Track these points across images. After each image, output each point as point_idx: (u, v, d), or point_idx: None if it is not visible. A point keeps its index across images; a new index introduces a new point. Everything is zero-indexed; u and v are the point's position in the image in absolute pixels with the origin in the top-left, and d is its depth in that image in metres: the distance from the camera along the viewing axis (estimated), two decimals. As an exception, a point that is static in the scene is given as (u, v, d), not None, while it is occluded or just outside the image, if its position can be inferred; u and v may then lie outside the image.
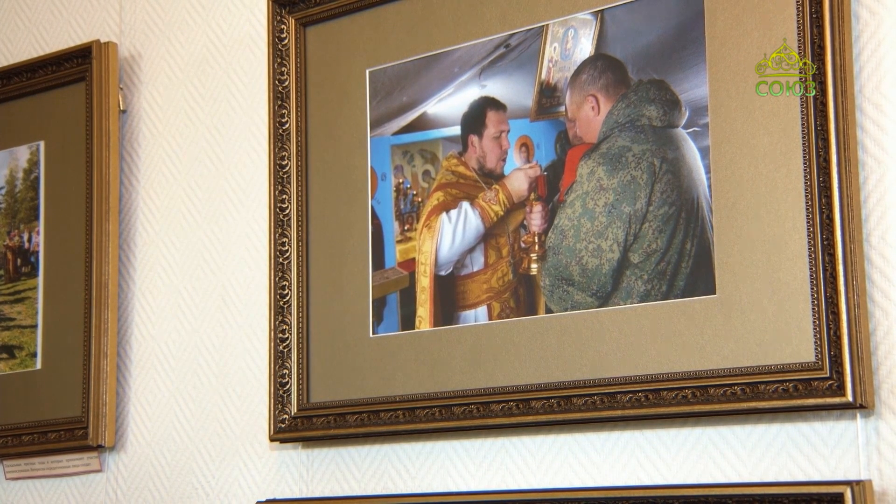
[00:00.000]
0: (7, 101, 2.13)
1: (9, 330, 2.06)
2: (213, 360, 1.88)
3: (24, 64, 2.10)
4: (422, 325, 1.65)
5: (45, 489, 2.02)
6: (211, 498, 1.85)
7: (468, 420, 1.57)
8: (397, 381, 1.65)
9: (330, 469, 1.74)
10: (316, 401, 1.72)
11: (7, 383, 2.05)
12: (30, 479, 2.03)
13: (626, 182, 1.51)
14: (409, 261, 1.68)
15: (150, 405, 1.94)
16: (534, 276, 1.57)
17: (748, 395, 1.37)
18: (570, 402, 1.49)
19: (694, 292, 1.44)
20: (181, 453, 1.89)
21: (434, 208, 1.68)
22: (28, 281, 2.05)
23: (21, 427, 2.00)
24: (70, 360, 1.96)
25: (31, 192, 2.07)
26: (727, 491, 1.38)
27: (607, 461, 1.51)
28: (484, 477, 1.60)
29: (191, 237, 1.94)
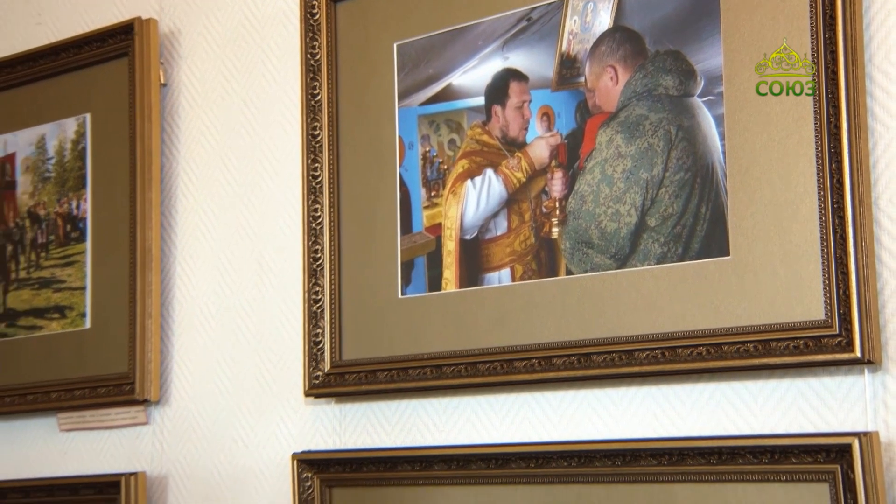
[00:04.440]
0: (55, 76, 2.13)
1: (60, 292, 2.06)
2: (250, 320, 1.88)
3: (70, 41, 2.09)
4: (448, 287, 1.64)
5: (95, 440, 2.03)
6: (250, 449, 1.85)
7: (492, 376, 1.57)
8: (425, 339, 1.65)
9: (361, 423, 1.73)
10: (348, 358, 1.71)
11: (59, 342, 2.05)
12: (82, 431, 2.04)
13: (643, 149, 1.49)
14: (436, 225, 1.67)
15: (191, 362, 1.94)
16: (555, 240, 1.56)
17: (760, 351, 1.37)
18: (589, 359, 1.49)
19: (708, 254, 1.43)
20: (221, 407, 1.89)
21: (459, 175, 1.66)
22: (77, 245, 2.05)
23: (73, 382, 2.01)
24: (117, 319, 1.97)
25: (78, 161, 2.07)
26: (740, 443, 1.37)
27: (625, 415, 1.50)
28: (507, 430, 1.60)
29: (228, 204, 1.93)
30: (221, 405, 1.89)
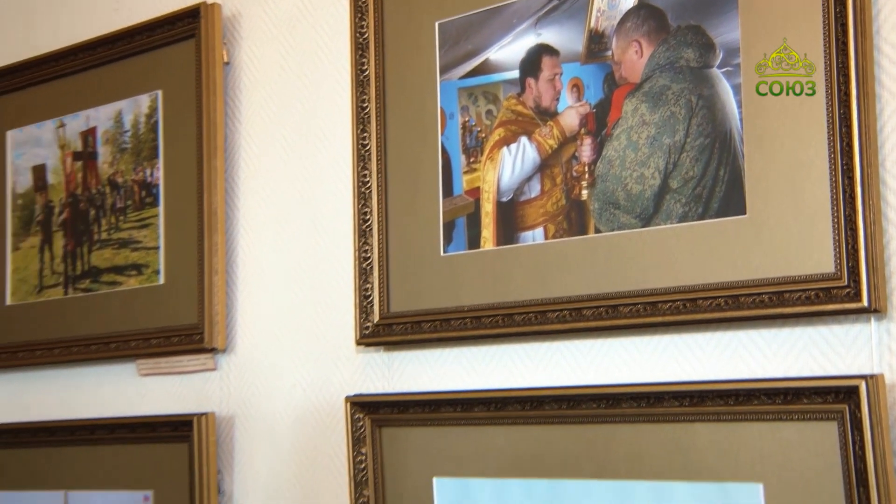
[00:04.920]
0: (130, 57, 2.13)
1: (137, 251, 2.08)
2: (306, 276, 1.88)
3: (143, 24, 2.09)
4: (486, 245, 1.64)
5: (170, 384, 2.05)
6: (307, 393, 1.86)
7: (527, 326, 1.57)
8: (465, 293, 1.64)
9: (408, 369, 1.74)
10: (395, 311, 1.71)
11: (136, 296, 2.07)
12: (158, 376, 2.06)
13: (666, 117, 1.48)
14: (475, 189, 1.66)
15: (254, 314, 1.95)
16: (584, 201, 1.55)
17: (774, 302, 1.36)
18: (616, 310, 1.48)
19: (727, 213, 1.42)
20: (281, 355, 1.90)
21: (496, 143, 1.65)
22: (151, 209, 2.06)
23: (149, 332, 2.03)
24: (187, 276, 1.98)
25: (151, 133, 2.08)
26: (755, 385, 1.36)
27: (649, 361, 1.50)
28: (541, 375, 1.60)
29: (285, 171, 1.93)
30: (281, 353, 1.90)
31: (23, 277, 2.27)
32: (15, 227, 2.30)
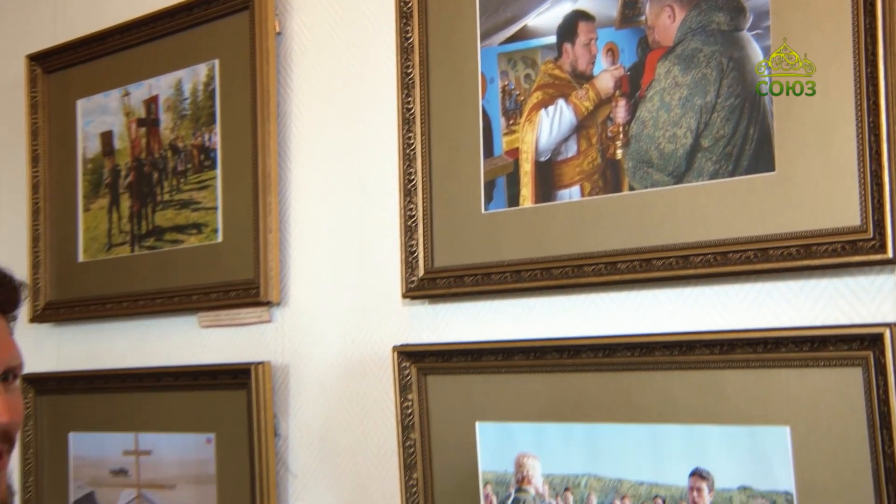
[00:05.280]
0: (189, 29, 2.12)
1: (196, 211, 2.08)
2: (354, 234, 1.88)
3: (201, -2, 2.09)
4: (525, 203, 1.62)
5: (229, 335, 2.06)
6: (357, 343, 1.86)
7: (564, 279, 1.55)
8: (505, 248, 1.63)
9: (451, 320, 1.73)
10: (439, 265, 1.71)
11: (197, 253, 2.08)
12: (218, 328, 2.07)
13: (697, 79, 1.45)
14: (514, 150, 1.65)
15: (306, 270, 1.95)
16: (619, 160, 1.53)
17: (802, 254, 1.34)
18: (649, 264, 1.47)
19: (756, 170, 1.39)
20: (332, 308, 1.90)
21: (534, 105, 1.63)
22: (209, 172, 2.06)
23: (209, 287, 2.04)
24: (243, 234, 1.98)
25: (209, 100, 2.07)
26: (783, 334, 1.36)
27: (681, 312, 1.48)
28: (578, 326, 1.59)
29: (335, 134, 1.92)
30: (332, 306, 1.90)
31: (93, 236, 2.29)
32: (85, 189, 2.31)
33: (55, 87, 2.38)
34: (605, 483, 1.51)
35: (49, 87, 2.39)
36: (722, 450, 1.40)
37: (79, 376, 2.27)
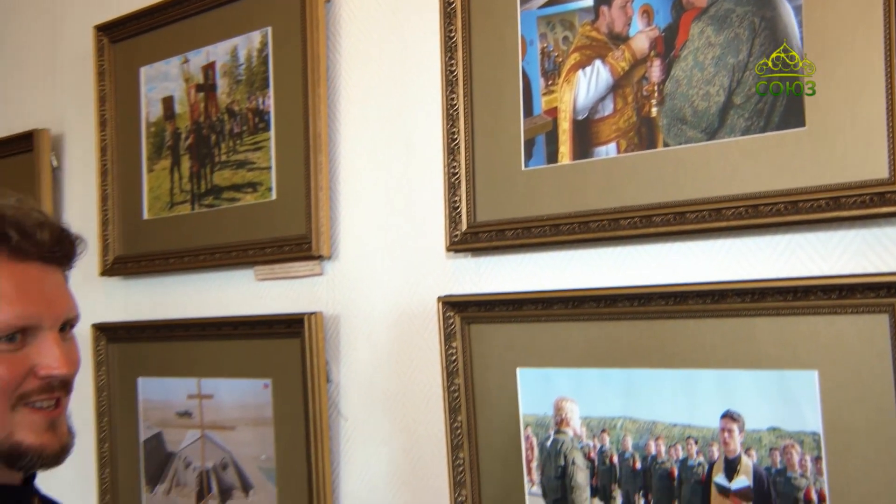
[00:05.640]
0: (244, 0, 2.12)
1: (252, 171, 2.09)
2: (401, 191, 1.87)
3: (251, -29, 2.08)
4: (563, 160, 1.60)
5: (283, 287, 2.07)
6: (403, 294, 1.86)
7: (601, 232, 1.54)
8: (544, 203, 1.62)
9: (493, 272, 1.73)
10: (481, 220, 1.70)
11: (253, 210, 2.08)
12: (273, 280, 2.08)
13: (730, 38, 1.42)
14: (553, 109, 1.63)
15: (355, 225, 1.95)
16: (654, 118, 1.51)
17: (831, 206, 1.32)
18: (683, 217, 1.45)
19: (787, 126, 1.37)
20: (379, 261, 1.91)
21: (572, 66, 1.61)
22: (263, 134, 2.06)
23: (264, 242, 2.04)
24: (296, 192, 1.99)
25: (262, 66, 2.07)
26: (812, 282, 1.34)
27: (714, 262, 1.47)
28: (614, 276, 1.57)
29: (381, 96, 1.92)
30: (379, 259, 1.91)
31: (156, 195, 2.30)
32: (149, 151, 2.32)
33: (120, 55, 2.39)
34: (640, 425, 1.51)
35: (115, 55, 2.40)
36: (752, 393, 1.39)
37: (145, 326, 2.30)
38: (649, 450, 1.50)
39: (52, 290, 1.23)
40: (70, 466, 2.53)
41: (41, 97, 2.67)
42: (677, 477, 1.48)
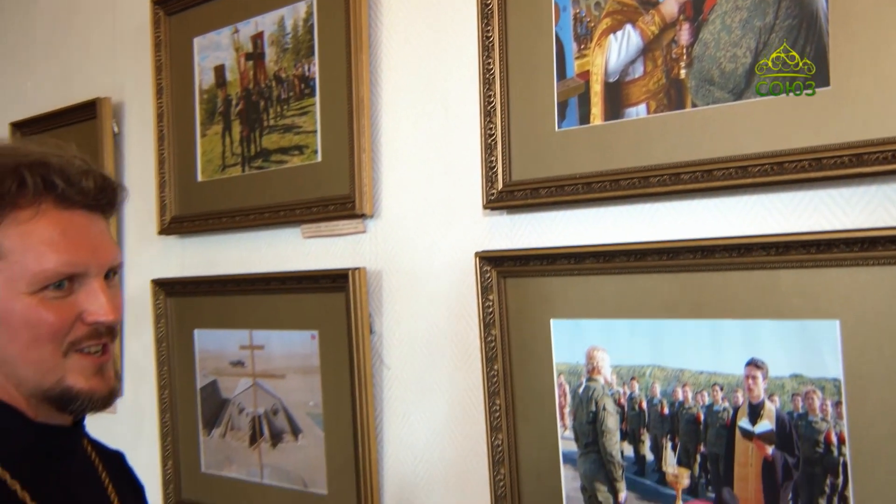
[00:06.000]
0: (290, -28, 2.12)
1: (298, 134, 2.08)
2: (440, 152, 1.87)
3: (295, -59, 2.06)
4: (595, 121, 1.59)
5: (328, 244, 2.08)
6: (443, 251, 1.87)
7: (631, 190, 1.53)
8: (577, 162, 1.61)
9: (527, 228, 1.73)
10: (516, 179, 1.69)
11: (300, 172, 2.08)
12: (318, 238, 2.09)
13: (757, 2, 1.40)
14: (585, 72, 1.61)
15: (396, 185, 1.95)
16: (682, 80, 1.49)
17: (854, 162, 1.30)
18: (710, 174, 1.44)
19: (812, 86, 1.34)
20: (420, 219, 1.91)
21: (604, 31, 1.59)
22: (309, 99, 2.06)
23: (310, 202, 2.05)
24: (340, 154, 1.99)
25: (308, 34, 2.06)
26: (835, 236, 1.32)
27: (739, 217, 1.46)
28: (644, 231, 1.57)
29: (420, 62, 1.91)
30: (420, 217, 1.91)
31: (209, 158, 2.31)
32: (202, 117, 2.33)
33: (175, 27, 2.39)
34: (668, 373, 1.51)
35: (170, 27, 2.40)
36: (776, 342, 1.39)
37: (200, 281, 2.32)
38: (676, 396, 1.50)
39: (97, 237, 1.20)
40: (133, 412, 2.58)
41: (103, 68, 2.69)
42: (703, 421, 1.48)
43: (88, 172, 1.19)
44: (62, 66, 2.84)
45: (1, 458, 1.14)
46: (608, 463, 1.59)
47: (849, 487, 1.33)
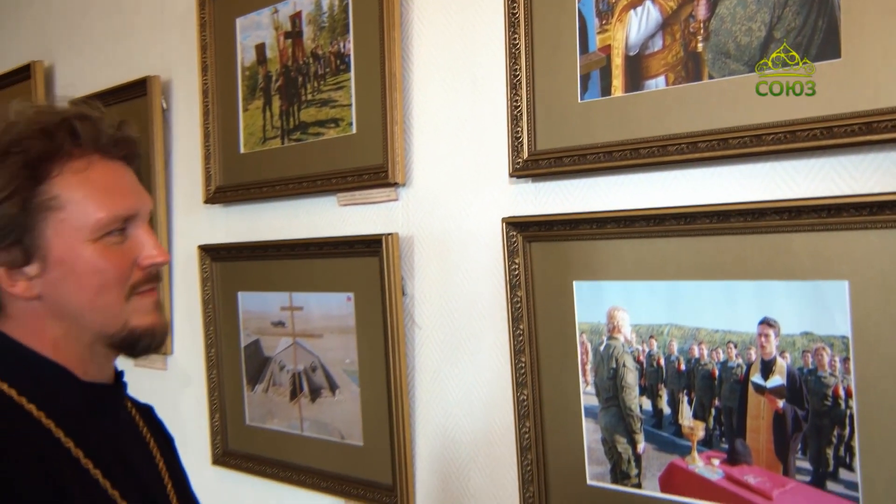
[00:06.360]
0: (323, -47, 2.11)
1: (334, 108, 2.09)
2: (468, 123, 1.88)
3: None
4: (616, 92, 1.59)
5: (363, 212, 2.10)
6: (471, 217, 1.88)
7: (650, 158, 1.53)
8: (598, 132, 1.61)
9: (551, 195, 1.73)
10: (541, 149, 1.69)
11: (336, 144, 2.09)
12: (354, 206, 2.11)
13: (772, -24, 1.38)
14: (606, 46, 1.61)
15: (427, 155, 1.96)
16: (700, 53, 1.48)
17: (864, 131, 1.29)
18: (726, 143, 1.43)
19: (824, 58, 1.34)
20: (449, 187, 1.92)
21: (624, 7, 1.58)
22: (344, 75, 2.06)
23: (346, 172, 2.06)
24: (374, 127, 1.99)
25: (343, 14, 2.06)
26: (845, 200, 1.32)
27: (753, 183, 1.46)
28: (663, 198, 1.57)
29: (448, 38, 1.91)
30: (449, 185, 1.92)
31: (251, 132, 2.32)
32: (244, 93, 2.34)
33: (219, 8, 2.40)
34: (685, 331, 1.52)
35: (214, 8, 2.41)
36: (788, 301, 1.39)
37: (243, 246, 2.34)
38: (693, 353, 1.51)
39: (137, 185, 1.19)
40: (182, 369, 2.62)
41: (152, 48, 2.71)
42: (718, 377, 1.49)
43: (122, 125, 1.18)
44: (115, 48, 2.86)
45: (55, 418, 1.12)
46: (627, 416, 1.61)
47: (855, 438, 1.34)
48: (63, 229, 1.10)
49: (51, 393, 1.14)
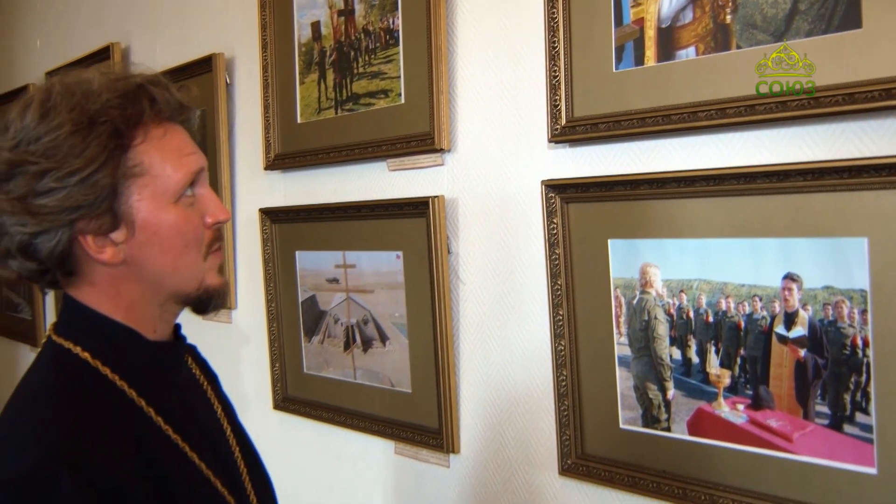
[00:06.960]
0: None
1: (384, 80, 2.12)
2: (509, 92, 1.89)
3: None
4: (648, 62, 1.60)
5: (411, 176, 2.13)
6: (512, 179, 1.90)
7: (681, 124, 1.54)
8: (632, 100, 1.62)
9: (588, 159, 1.75)
10: (578, 116, 1.71)
11: (385, 113, 2.12)
12: (402, 171, 2.14)
13: (798, -50, 1.38)
14: (640, 19, 1.62)
15: (471, 122, 1.98)
16: (728, 24, 1.49)
17: (883, 97, 1.30)
18: (753, 109, 1.44)
19: (845, 28, 1.34)
20: (491, 152, 1.94)
21: (657, -19, 1.59)
22: (393, 49, 2.09)
23: (395, 139, 2.09)
24: (421, 96, 2.02)
25: (391, -10, 2.09)
26: (864, 162, 1.33)
27: (779, 146, 1.47)
28: (693, 161, 1.59)
29: (492, 13, 1.92)
30: (491, 150, 1.94)
31: (307, 103, 2.35)
32: (301, 67, 2.37)
33: (277, -13, 2.44)
34: (713, 285, 1.54)
35: (273, -12, 2.45)
36: (810, 257, 1.41)
37: (300, 209, 2.38)
38: (720, 306, 1.54)
39: (194, 144, 1.18)
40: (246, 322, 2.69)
41: (217, 27, 2.76)
42: (743, 328, 1.51)
43: (183, 89, 1.17)
44: (183, 28, 2.92)
45: (126, 376, 1.11)
46: (658, 365, 1.64)
47: (871, 384, 1.36)
48: (147, 194, 1.09)
49: (122, 354, 1.13)
